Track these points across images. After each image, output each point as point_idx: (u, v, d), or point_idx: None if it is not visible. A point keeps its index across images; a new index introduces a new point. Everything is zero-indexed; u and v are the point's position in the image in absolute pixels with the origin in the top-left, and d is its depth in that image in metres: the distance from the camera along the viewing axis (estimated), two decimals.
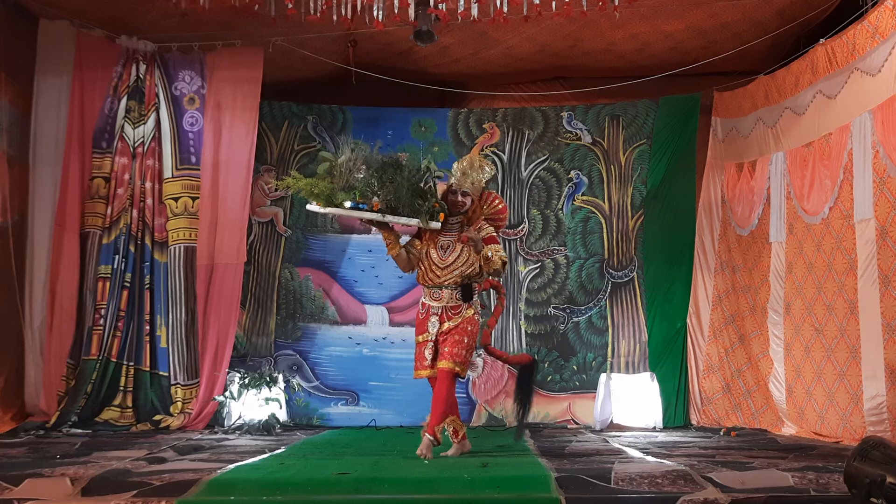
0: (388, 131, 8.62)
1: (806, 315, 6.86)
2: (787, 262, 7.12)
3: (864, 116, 6.15)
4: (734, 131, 8.06)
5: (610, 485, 4.00)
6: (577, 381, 8.16)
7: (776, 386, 7.20)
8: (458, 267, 5.43)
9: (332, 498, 4.01)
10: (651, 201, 8.41)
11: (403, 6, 6.31)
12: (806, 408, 6.81)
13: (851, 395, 6.23)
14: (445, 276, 5.44)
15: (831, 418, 6.48)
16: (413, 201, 5.31)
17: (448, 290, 5.44)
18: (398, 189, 5.30)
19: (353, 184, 5.35)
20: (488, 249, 5.33)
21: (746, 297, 7.73)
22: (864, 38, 6.19)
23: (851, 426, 6.15)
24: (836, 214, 6.49)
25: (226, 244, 7.74)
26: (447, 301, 5.45)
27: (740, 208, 7.82)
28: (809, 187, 6.88)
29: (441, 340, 5.42)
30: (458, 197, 5.49)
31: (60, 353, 7.32)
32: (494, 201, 5.64)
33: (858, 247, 6.17)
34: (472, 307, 5.48)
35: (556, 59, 8.34)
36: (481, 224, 5.51)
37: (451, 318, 5.43)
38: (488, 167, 5.57)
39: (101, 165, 7.60)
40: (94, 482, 4.06)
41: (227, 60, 7.83)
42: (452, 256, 5.45)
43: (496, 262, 5.32)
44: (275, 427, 7.23)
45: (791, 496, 3.78)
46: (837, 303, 6.50)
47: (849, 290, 6.35)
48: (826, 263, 6.63)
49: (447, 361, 5.35)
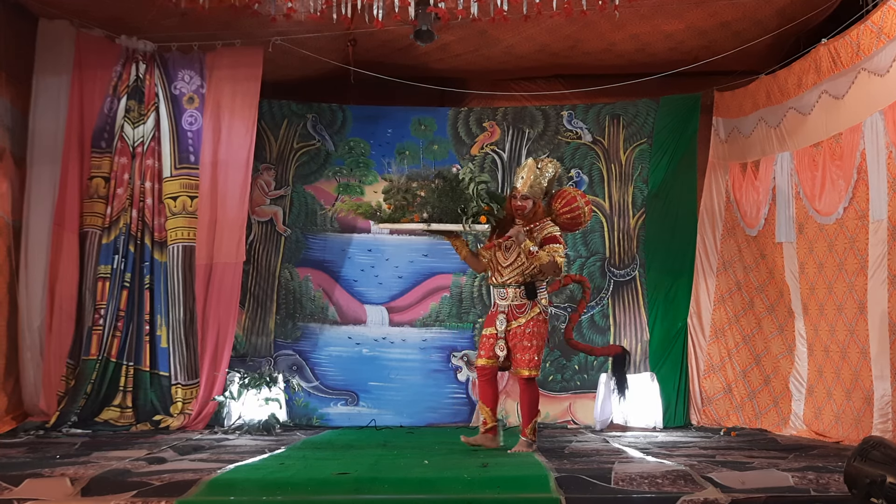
0: (388, 130, 8.62)
1: (820, 315, 6.83)
2: (800, 262, 7.10)
3: (875, 117, 6.12)
4: (735, 131, 8.05)
5: (610, 485, 4.00)
6: (579, 381, 8.16)
7: (797, 386, 7.15)
8: (518, 266, 5.66)
9: (332, 498, 4.00)
10: (652, 200, 8.41)
11: (403, 5, 6.31)
12: (824, 408, 6.76)
13: (865, 396, 6.21)
14: (508, 276, 5.69)
15: (847, 418, 6.44)
16: (455, 208, 5.65)
17: (512, 288, 5.69)
18: (438, 198, 5.68)
19: (406, 201, 5.78)
20: (527, 245, 5.51)
21: (761, 297, 7.70)
22: (868, 38, 6.17)
23: (862, 426, 6.12)
24: (851, 214, 6.45)
25: (225, 243, 7.72)
26: (512, 299, 5.69)
27: (749, 208, 7.80)
28: (821, 187, 6.84)
29: (512, 343, 5.69)
30: (518, 201, 5.72)
31: (60, 353, 7.32)
32: (559, 202, 5.80)
33: (871, 247, 6.14)
34: (536, 306, 5.67)
35: (557, 59, 8.34)
36: (544, 223, 5.69)
37: (517, 317, 5.68)
38: (551, 167, 5.80)
39: (101, 165, 7.59)
40: (94, 482, 4.06)
41: (227, 60, 7.82)
42: (513, 256, 5.68)
43: (540, 258, 5.50)
44: (275, 427, 7.23)
45: (791, 496, 3.78)
46: (848, 303, 6.48)
47: (858, 289, 6.33)
48: (838, 263, 6.60)
49: (523, 369, 5.65)
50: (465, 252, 5.93)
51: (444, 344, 8.32)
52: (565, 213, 5.77)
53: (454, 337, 8.32)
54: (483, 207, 5.65)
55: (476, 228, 5.71)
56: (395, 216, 5.84)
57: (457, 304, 8.38)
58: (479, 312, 8.30)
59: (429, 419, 8.07)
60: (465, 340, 8.30)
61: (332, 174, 8.55)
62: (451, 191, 5.69)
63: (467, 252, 5.93)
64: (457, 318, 8.35)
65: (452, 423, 8.07)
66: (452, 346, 8.31)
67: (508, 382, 7.68)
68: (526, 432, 5.68)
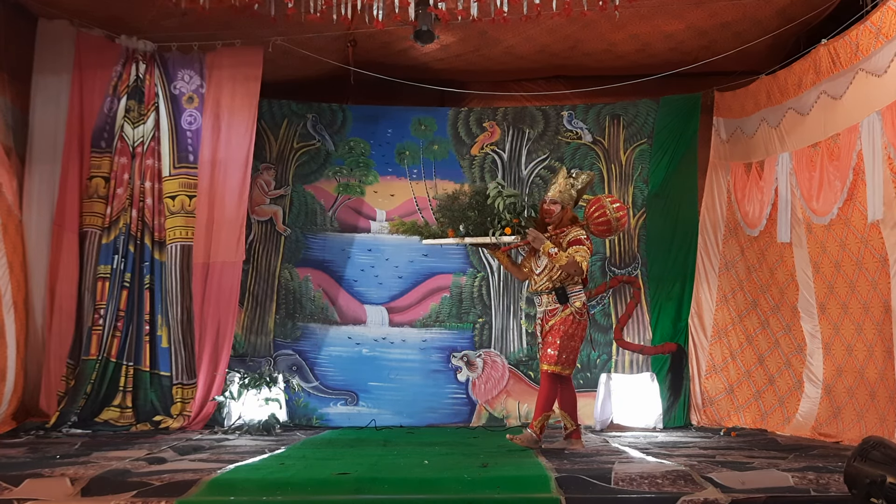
0: (388, 130, 8.63)
1: (844, 314, 6.80)
2: (813, 261, 7.08)
3: (872, 117, 6.11)
4: (738, 131, 8.04)
5: (610, 485, 4.00)
6: (581, 380, 8.14)
7: (811, 385, 7.13)
8: (548, 272, 5.80)
9: (332, 498, 4.00)
10: (653, 200, 8.41)
11: (403, 5, 6.31)
12: (844, 407, 6.73)
13: (890, 395, 6.14)
14: (539, 283, 5.86)
15: (871, 418, 6.34)
16: (484, 222, 5.91)
17: (545, 295, 5.84)
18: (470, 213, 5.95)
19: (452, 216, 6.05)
20: (547, 246, 5.68)
21: (766, 297, 7.68)
22: (867, 38, 6.17)
23: (887, 425, 6.08)
24: (856, 214, 6.43)
25: (223, 242, 7.72)
26: (546, 305, 5.85)
27: (751, 208, 7.79)
28: (818, 188, 6.84)
29: (543, 341, 5.86)
30: (546, 205, 5.90)
31: (60, 353, 7.31)
32: (590, 208, 5.96)
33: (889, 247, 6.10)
34: (568, 308, 5.76)
35: (557, 59, 8.34)
36: (572, 228, 5.83)
37: (549, 320, 5.82)
38: (585, 177, 5.99)
39: (101, 165, 7.59)
40: (94, 482, 4.06)
41: (227, 60, 7.82)
42: (542, 263, 5.84)
43: (560, 259, 5.64)
44: (274, 427, 7.23)
45: (791, 496, 3.78)
46: (874, 303, 6.45)
47: (882, 289, 6.30)
48: (856, 262, 6.57)
49: (543, 363, 5.79)
50: (506, 262, 6.11)
51: (444, 344, 8.33)
52: (595, 218, 5.90)
53: (454, 337, 8.32)
54: (512, 220, 5.85)
55: (504, 240, 5.91)
56: (438, 232, 6.14)
57: (457, 304, 8.38)
58: (478, 312, 8.31)
59: (429, 419, 8.07)
60: (465, 341, 8.30)
61: (332, 174, 8.56)
62: (480, 205, 5.97)
63: (507, 262, 6.11)
64: (457, 318, 8.35)
65: (452, 423, 8.07)
66: (452, 346, 8.31)
67: (509, 382, 7.69)
68: (533, 425, 5.74)
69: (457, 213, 6.03)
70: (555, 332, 5.73)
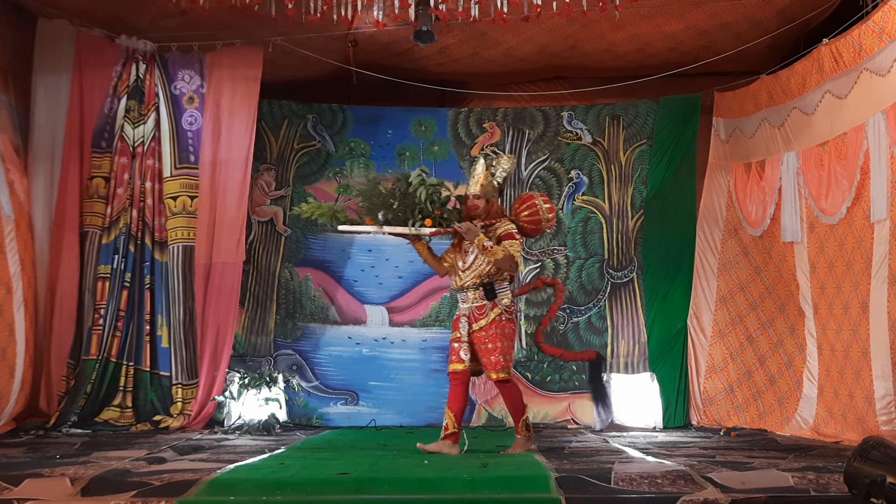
0: (389, 130, 8.63)
1: (830, 315, 6.82)
2: (811, 261, 7.09)
3: (877, 117, 6.12)
4: (738, 132, 8.04)
5: (610, 485, 3.99)
6: (577, 381, 8.14)
7: (809, 385, 7.14)
8: (476, 268, 5.59)
9: (332, 498, 4.00)
10: (651, 201, 8.41)
11: (404, 6, 6.31)
12: (833, 407, 6.76)
13: (866, 395, 6.20)
14: (466, 278, 5.63)
15: (851, 418, 6.43)
16: (405, 211, 5.57)
17: (471, 291, 5.62)
18: (391, 201, 5.61)
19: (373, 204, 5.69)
20: (481, 239, 5.44)
21: (772, 297, 7.68)
22: (870, 38, 6.17)
23: (866, 426, 6.12)
24: (859, 214, 6.45)
25: (224, 243, 7.73)
26: (472, 302, 5.63)
27: (753, 209, 7.79)
28: (827, 187, 6.84)
29: (476, 347, 5.61)
30: (470, 201, 5.66)
31: (60, 353, 7.32)
32: (519, 204, 5.77)
33: (874, 247, 6.14)
34: (497, 306, 5.58)
35: (557, 60, 8.34)
36: (502, 221, 5.61)
37: (478, 319, 5.60)
38: (505, 162, 5.73)
39: (101, 165, 7.60)
40: (94, 482, 4.06)
41: (227, 60, 7.82)
42: (471, 258, 5.62)
43: (495, 253, 5.41)
44: (274, 427, 7.23)
45: (791, 496, 3.77)
46: (853, 302, 6.47)
47: (863, 289, 6.33)
48: (846, 263, 6.60)
49: (491, 372, 5.58)
50: (426, 254, 5.83)
51: (444, 344, 8.20)
52: (525, 214, 5.70)
53: None
54: (433, 211, 5.57)
55: (423, 232, 5.59)
56: (355, 219, 5.85)
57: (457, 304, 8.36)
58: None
59: (429, 419, 8.05)
60: None
61: (332, 175, 8.56)
62: (403, 195, 5.62)
63: (427, 254, 5.83)
64: None
65: None
66: None
67: None
68: (519, 430, 5.63)
69: (378, 199, 5.66)
70: (492, 337, 5.52)
